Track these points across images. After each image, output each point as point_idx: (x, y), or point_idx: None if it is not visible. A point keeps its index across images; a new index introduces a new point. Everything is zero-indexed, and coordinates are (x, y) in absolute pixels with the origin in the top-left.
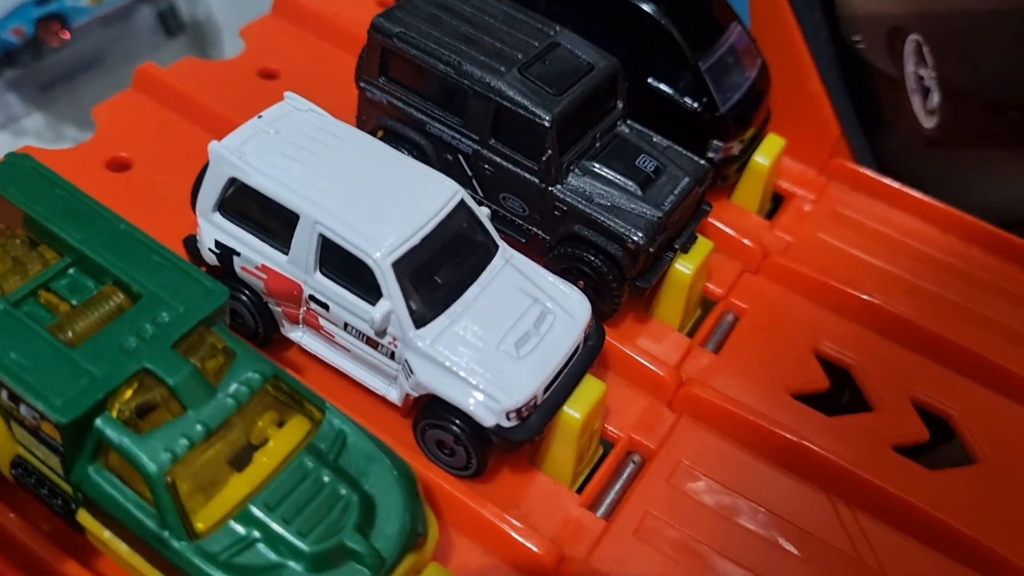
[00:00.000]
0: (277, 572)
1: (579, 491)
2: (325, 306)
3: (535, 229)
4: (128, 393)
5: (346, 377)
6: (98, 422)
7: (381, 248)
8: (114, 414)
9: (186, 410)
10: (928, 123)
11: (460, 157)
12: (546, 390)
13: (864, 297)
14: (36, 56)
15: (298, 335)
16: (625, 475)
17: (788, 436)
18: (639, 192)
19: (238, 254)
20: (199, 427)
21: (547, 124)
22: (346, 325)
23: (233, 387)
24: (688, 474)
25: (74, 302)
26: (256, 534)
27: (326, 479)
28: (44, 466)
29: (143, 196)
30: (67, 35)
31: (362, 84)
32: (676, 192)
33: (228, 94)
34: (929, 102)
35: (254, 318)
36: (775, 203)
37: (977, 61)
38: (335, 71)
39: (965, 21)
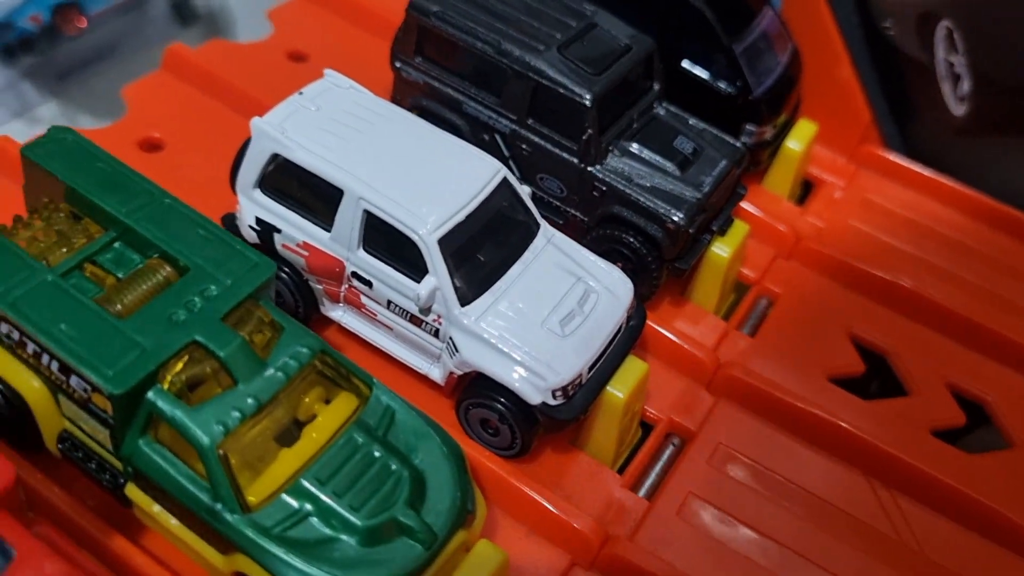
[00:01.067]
0: (330, 546)
1: (620, 472)
2: (368, 283)
3: (573, 210)
4: (179, 366)
5: (387, 357)
6: (150, 395)
7: (427, 224)
8: (165, 386)
9: (236, 383)
10: (958, 110)
11: (497, 137)
12: (590, 369)
13: (898, 282)
14: (52, 44)
15: (339, 314)
16: (665, 457)
17: (827, 418)
18: (678, 173)
19: (279, 231)
20: (250, 400)
21: (587, 103)
22: (389, 303)
23: (282, 361)
24: (728, 456)
25: (120, 275)
26: (308, 508)
27: (376, 454)
28: (92, 440)
29: (177, 176)
30: (84, 23)
31: (398, 64)
32: (714, 174)
33: (258, 75)
34: (959, 89)
35: (294, 296)
36: (804, 190)
37: (1009, 48)
38: (364, 54)
39: (997, 6)
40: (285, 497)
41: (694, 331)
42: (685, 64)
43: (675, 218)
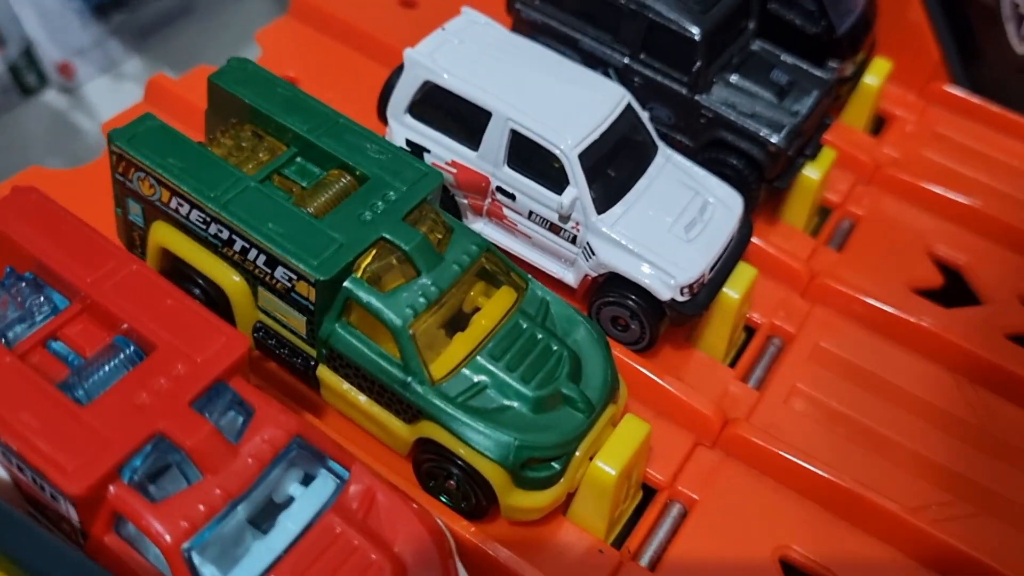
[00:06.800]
0: (505, 413)
1: (731, 366)
2: (512, 196)
3: (679, 136)
4: (368, 258)
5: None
6: (347, 283)
7: (569, 140)
8: (359, 276)
9: (419, 274)
10: (1021, 48)
11: (611, 71)
12: (711, 270)
13: (971, 204)
14: (139, 3)
15: (480, 226)
16: (768, 355)
17: (914, 321)
18: (775, 101)
19: (428, 151)
20: (433, 288)
21: (697, 37)
22: (531, 214)
23: (456, 255)
24: (825, 354)
25: (304, 185)
26: (486, 380)
27: (539, 336)
28: (285, 329)
29: None
30: None
31: (517, 5)
32: (808, 103)
33: (373, 19)
34: (1023, 29)
35: None
36: (875, 124)
37: None
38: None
39: None
40: (465, 371)
41: (788, 245)
42: (773, 6)
43: (775, 140)
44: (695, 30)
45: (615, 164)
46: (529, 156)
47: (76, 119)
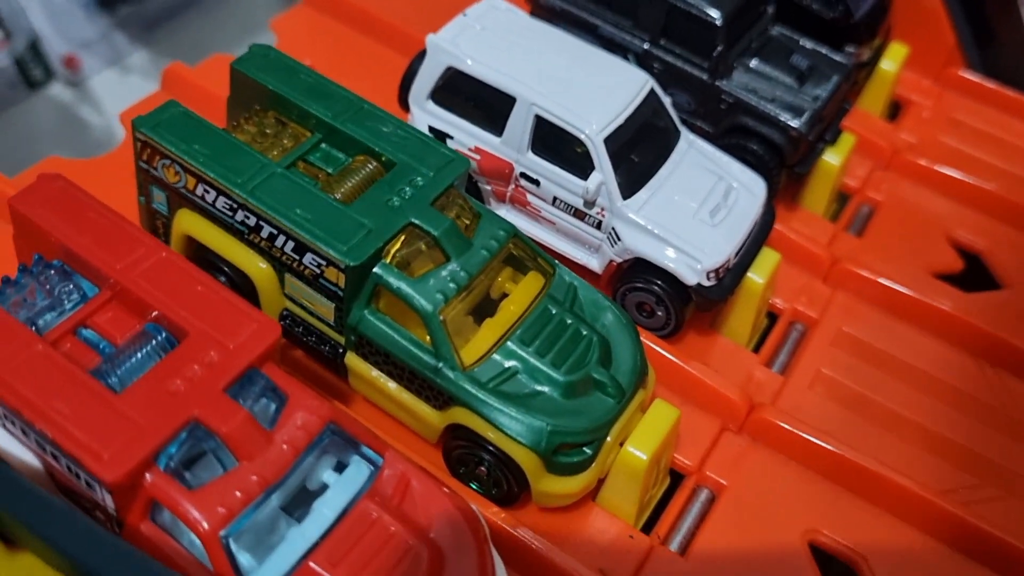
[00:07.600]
0: (536, 398)
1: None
2: (536, 182)
3: (699, 122)
4: (398, 244)
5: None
6: (377, 269)
7: (594, 125)
8: (388, 261)
9: (448, 259)
10: None
11: (630, 57)
12: (736, 255)
13: (989, 188)
14: None
15: (503, 213)
16: (791, 340)
17: (937, 305)
18: (796, 86)
19: (451, 137)
20: (463, 273)
21: (719, 22)
22: (555, 199)
23: (484, 241)
24: (848, 339)
25: (329, 171)
26: (517, 365)
27: (568, 321)
28: (312, 316)
29: None
30: None
31: None
32: (829, 87)
33: (390, 6)
34: None
35: None
36: (892, 110)
37: None
38: None
39: None
40: (496, 357)
41: (808, 230)
42: None
43: (796, 125)
44: (716, 14)
45: (639, 149)
46: (553, 142)
47: (83, 113)
